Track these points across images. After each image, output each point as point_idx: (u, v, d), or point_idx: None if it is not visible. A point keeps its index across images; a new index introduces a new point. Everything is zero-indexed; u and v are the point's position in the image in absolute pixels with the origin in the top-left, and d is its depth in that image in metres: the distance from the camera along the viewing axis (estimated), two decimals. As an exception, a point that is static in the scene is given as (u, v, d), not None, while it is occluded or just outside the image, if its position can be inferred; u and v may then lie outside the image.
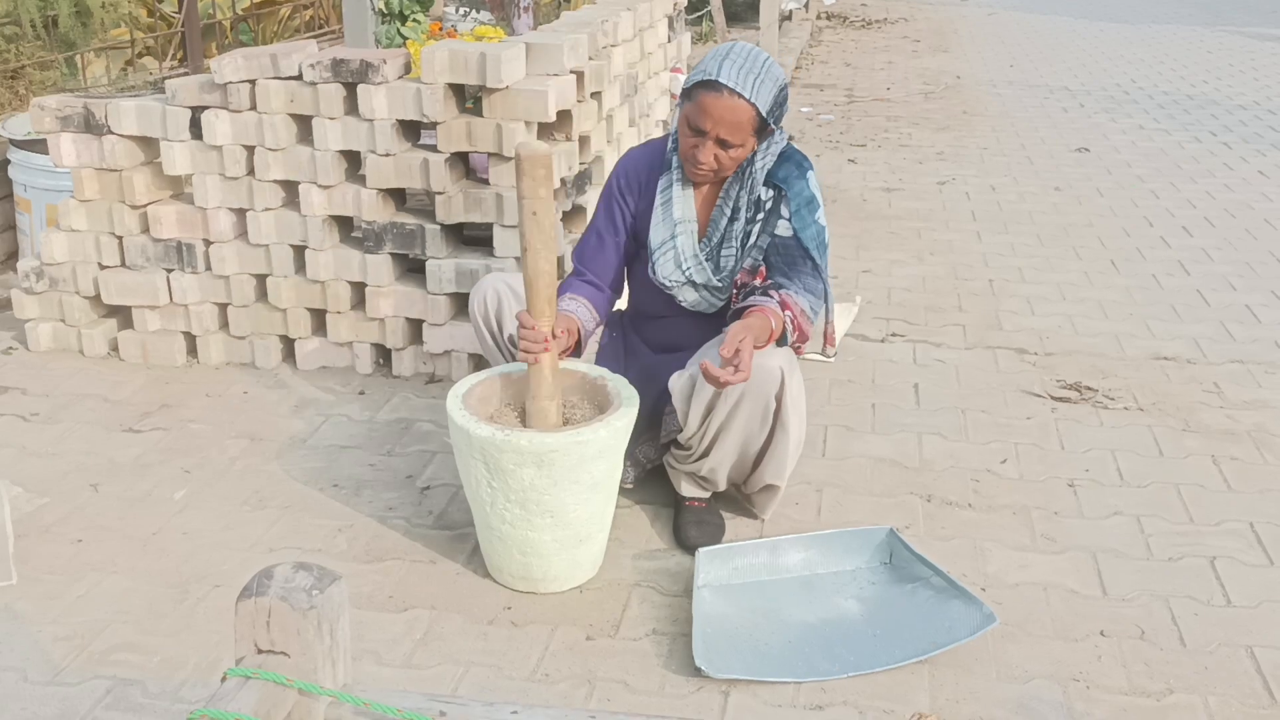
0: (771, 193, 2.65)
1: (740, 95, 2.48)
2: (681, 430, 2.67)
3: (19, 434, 3.23)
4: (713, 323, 2.76)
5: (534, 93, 3.26)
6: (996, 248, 4.98)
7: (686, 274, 2.73)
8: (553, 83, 3.32)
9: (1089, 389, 3.58)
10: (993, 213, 5.51)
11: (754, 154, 2.64)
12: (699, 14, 9.82)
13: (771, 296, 2.56)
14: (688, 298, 2.77)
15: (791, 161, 2.67)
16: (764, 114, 2.52)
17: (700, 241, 2.72)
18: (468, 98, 3.41)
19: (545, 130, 3.47)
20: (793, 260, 2.64)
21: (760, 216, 2.66)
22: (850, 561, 2.64)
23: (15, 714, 2.15)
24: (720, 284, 2.72)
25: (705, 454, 2.67)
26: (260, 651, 1.43)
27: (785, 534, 2.72)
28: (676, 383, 2.63)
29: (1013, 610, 2.49)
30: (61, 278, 3.68)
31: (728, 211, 2.69)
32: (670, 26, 5.17)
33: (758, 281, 2.65)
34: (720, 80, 2.48)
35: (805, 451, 2.93)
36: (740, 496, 2.85)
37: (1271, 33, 11.98)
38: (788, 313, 2.54)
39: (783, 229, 2.64)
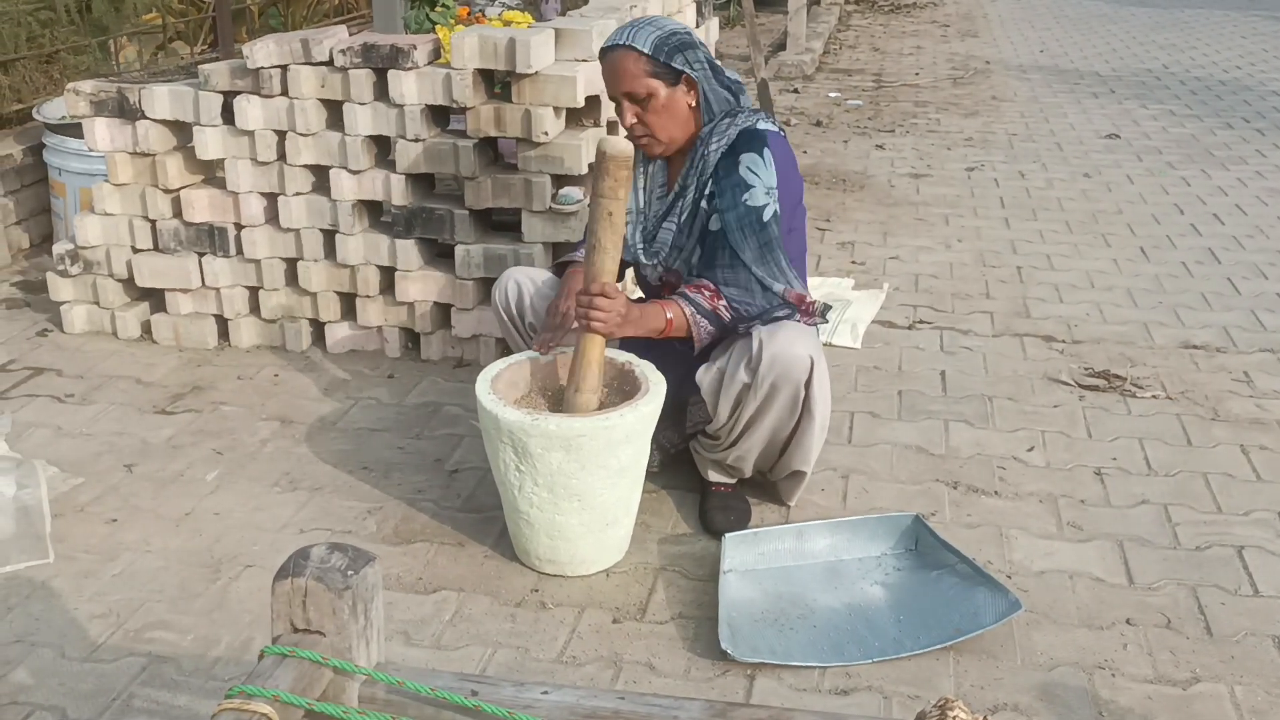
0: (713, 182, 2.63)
1: (617, 46, 2.59)
2: (709, 422, 2.68)
3: (54, 415, 3.28)
4: None
5: (563, 78, 3.27)
6: (1025, 234, 4.96)
7: (636, 257, 2.79)
8: (582, 68, 3.32)
9: (1117, 377, 3.56)
10: (1021, 199, 5.48)
11: (710, 133, 2.63)
12: (727, -2, 9.79)
13: (678, 297, 2.60)
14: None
15: (739, 143, 2.61)
16: (649, 53, 2.55)
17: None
18: (496, 83, 3.42)
19: (574, 116, 3.48)
20: (712, 255, 2.61)
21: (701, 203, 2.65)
22: (876, 547, 2.65)
23: (53, 689, 2.19)
24: (649, 262, 2.76)
25: (734, 444, 2.68)
26: (296, 630, 1.46)
27: (811, 520, 2.74)
28: (704, 376, 2.62)
29: (1038, 598, 2.50)
30: (95, 261, 3.73)
31: (679, 189, 2.70)
32: (699, 11, 5.15)
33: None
34: (602, 48, 2.64)
35: (831, 438, 2.93)
36: (766, 483, 2.86)
37: (1307, 17, 11.81)
38: (671, 311, 2.56)
39: (715, 223, 2.62)
